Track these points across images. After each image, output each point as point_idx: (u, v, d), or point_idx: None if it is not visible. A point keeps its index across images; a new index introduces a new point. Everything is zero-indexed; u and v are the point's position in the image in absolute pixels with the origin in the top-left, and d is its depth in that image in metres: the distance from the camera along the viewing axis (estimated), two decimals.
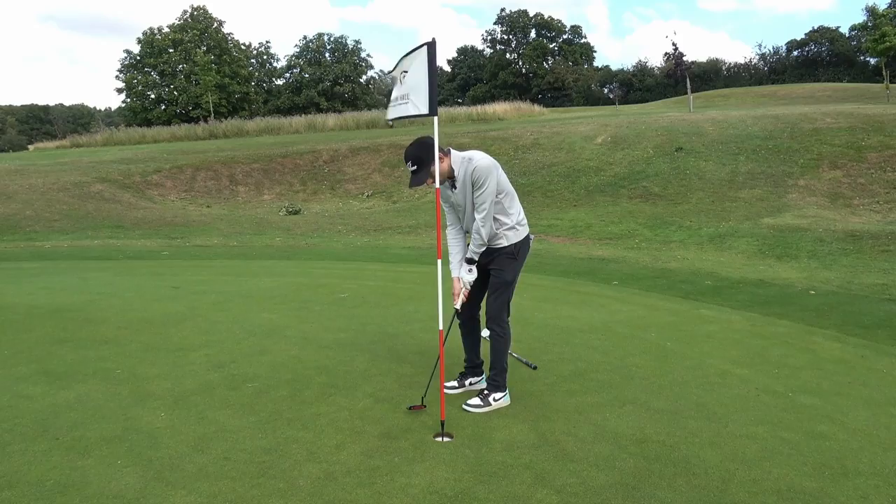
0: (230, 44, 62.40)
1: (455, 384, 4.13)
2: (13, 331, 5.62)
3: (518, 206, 3.90)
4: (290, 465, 3.12)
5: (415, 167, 3.61)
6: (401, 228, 14.78)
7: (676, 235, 12.38)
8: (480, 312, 4.09)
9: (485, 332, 4.02)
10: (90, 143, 35.46)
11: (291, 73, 69.43)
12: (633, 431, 3.51)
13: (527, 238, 3.92)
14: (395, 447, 3.32)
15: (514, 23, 77.87)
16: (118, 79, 61.12)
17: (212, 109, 51.18)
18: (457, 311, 3.93)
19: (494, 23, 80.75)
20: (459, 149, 3.85)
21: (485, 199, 3.67)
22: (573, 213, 15.09)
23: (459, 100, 72.30)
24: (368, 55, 71.24)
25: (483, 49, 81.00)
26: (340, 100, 65.41)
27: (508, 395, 3.90)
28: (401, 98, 3.61)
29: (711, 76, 63.55)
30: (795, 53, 65.68)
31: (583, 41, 79.40)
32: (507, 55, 78.43)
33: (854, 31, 45.20)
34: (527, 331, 5.49)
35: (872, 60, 49.84)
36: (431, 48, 3.44)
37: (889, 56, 33.90)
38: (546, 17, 78.08)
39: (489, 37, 79.65)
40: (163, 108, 60.05)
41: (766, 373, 4.54)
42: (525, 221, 3.94)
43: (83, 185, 19.11)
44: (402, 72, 3.59)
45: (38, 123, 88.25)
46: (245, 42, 67.35)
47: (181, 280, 8.13)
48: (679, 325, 5.86)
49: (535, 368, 4.50)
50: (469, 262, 3.79)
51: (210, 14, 61.90)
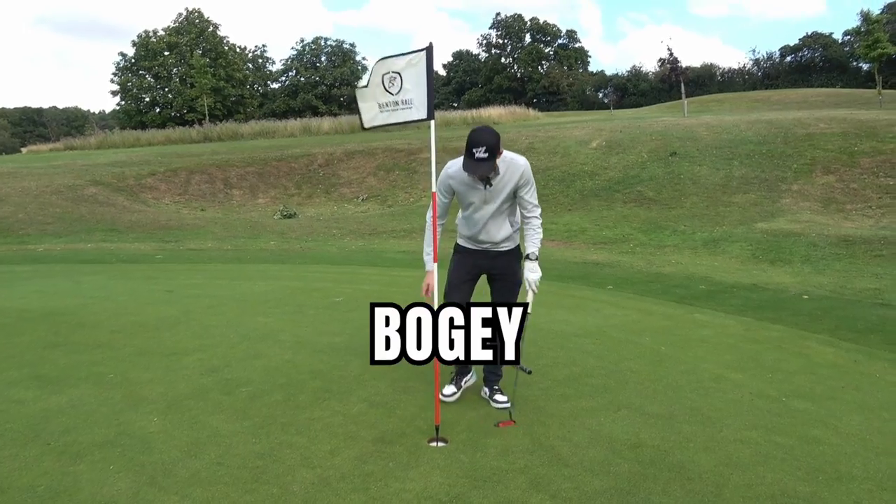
0: (226, 47, 62.36)
1: (454, 389, 4.11)
2: (5, 335, 5.58)
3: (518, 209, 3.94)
4: (284, 471, 3.11)
5: (487, 154, 3.51)
6: (396, 232, 14.76)
7: (671, 240, 12.41)
8: None
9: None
10: (84, 146, 35.23)
11: (287, 77, 69.43)
12: (628, 436, 3.51)
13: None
14: (390, 452, 3.31)
15: (510, 27, 78.09)
16: (113, 81, 61.14)
17: (207, 112, 51.05)
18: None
19: (490, 27, 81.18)
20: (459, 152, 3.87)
21: (534, 195, 3.79)
22: (568, 218, 15.11)
23: (455, 104, 72.34)
24: (363, 58, 71.35)
25: (478, 53, 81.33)
26: (337, 103, 65.43)
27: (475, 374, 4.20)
28: (403, 103, 3.61)
29: (706, 81, 63.92)
30: (789, 59, 66.11)
31: (577, 46, 79.70)
32: (503, 59, 78.60)
33: (847, 36, 45.54)
34: None
35: (865, 66, 50.23)
36: (429, 53, 3.46)
37: (882, 62, 34.17)
38: (541, 22, 78.36)
39: (484, 41, 79.91)
40: (157, 111, 59.88)
41: (760, 377, 4.55)
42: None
43: (77, 188, 19.02)
44: (392, 73, 3.58)
45: (32, 126, 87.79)
46: (241, 45, 67.45)
47: (175, 284, 8.10)
48: (673, 330, 5.87)
49: (530, 373, 4.47)
50: (535, 259, 3.85)
51: (206, 17, 61.91)
